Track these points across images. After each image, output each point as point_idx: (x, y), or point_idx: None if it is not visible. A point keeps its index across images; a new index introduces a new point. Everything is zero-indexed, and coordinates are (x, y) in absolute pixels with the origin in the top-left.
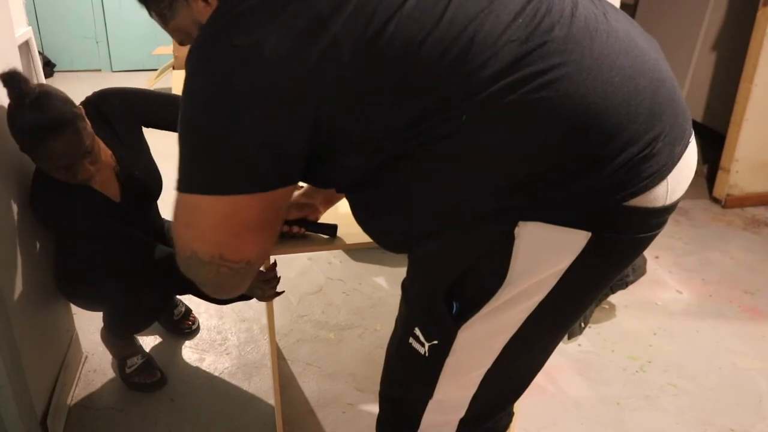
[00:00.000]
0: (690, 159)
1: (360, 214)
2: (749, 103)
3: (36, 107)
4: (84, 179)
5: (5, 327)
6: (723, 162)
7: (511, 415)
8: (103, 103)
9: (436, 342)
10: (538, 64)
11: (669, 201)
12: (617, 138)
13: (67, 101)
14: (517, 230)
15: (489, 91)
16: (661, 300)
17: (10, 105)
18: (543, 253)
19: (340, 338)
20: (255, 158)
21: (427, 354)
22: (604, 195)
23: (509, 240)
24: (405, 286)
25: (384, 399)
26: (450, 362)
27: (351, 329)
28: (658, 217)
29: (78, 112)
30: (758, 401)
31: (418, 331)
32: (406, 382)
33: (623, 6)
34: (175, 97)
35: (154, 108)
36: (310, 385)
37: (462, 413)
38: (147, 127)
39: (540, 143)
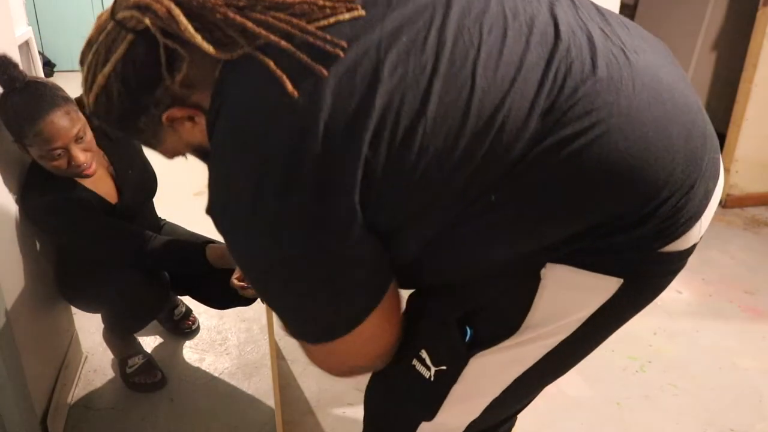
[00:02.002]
0: (720, 188)
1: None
2: (749, 103)
3: (26, 91)
4: (78, 166)
5: (5, 327)
6: (723, 162)
7: (514, 419)
8: None
9: (444, 368)
10: (565, 131)
11: (700, 236)
12: (656, 196)
13: (57, 87)
14: (543, 271)
15: (518, 168)
16: (661, 300)
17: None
18: (569, 297)
19: None
20: (350, 290)
21: (432, 378)
22: (641, 246)
23: (534, 281)
24: (413, 301)
25: (371, 414)
26: (457, 389)
27: None
28: (686, 255)
29: (68, 97)
30: (758, 401)
31: (424, 354)
32: (404, 403)
33: (623, 6)
34: None
35: None
36: (310, 385)
37: None
38: None
39: (571, 211)
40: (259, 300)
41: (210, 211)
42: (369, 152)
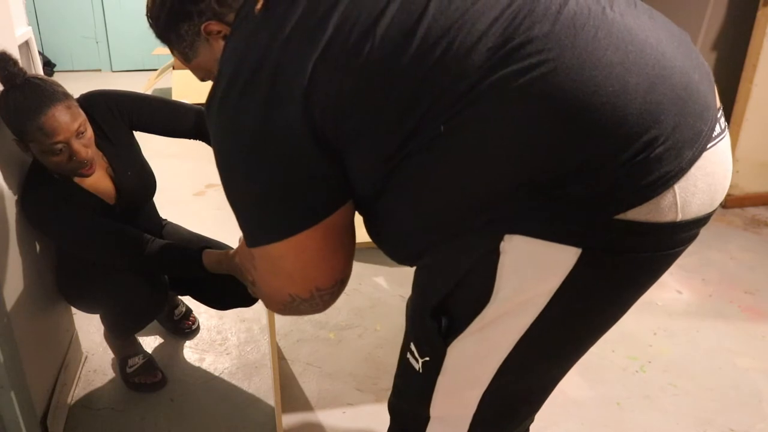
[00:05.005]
0: (712, 166)
1: (369, 229)
2: (749, 103)
3: (27, 87)
4: (80, 161)
5: (5, 327)
6: None
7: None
8: (90, 105)
9: (428, 359)
10: (514, 66)
11: (682, 216)
12: (601, 142)
13: (56, 83)
14: (502, 245)
15: (466, 100)
16: (661, 300)
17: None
18: (529, 269)
19: (340, 338)
20: (289, 198)
21: (420, 370)
22: (592, 207)
23: (494, 255)
24: (408, 301)
25: (390, 411)
26: (442, 380)
27: (351, 329)
28: (668, 234)
29: (68, 93)
30: (758, 401)
31: (413, 347)
32: (405, 396)
33: None
34: (162, 100)
35: (141, 111)
36: (310, 385)
37: (464, 430)
38: (134, 130)
39: (516, 148)
40: (259, 300)
41: (206, 102)
42: (319, 65)
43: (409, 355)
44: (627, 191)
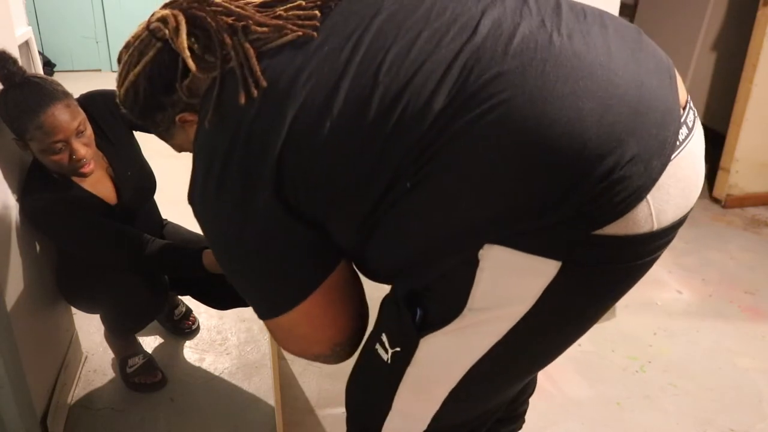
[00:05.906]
0: (682, 170)
1: (358, 268)
2: (749, 103)
3: (26, 85)
4: (79, 161)
5: (5, 327)
6: (723, 162)
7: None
8: (89, 105)
9: (398, 349)
10: (470, 115)
11: (658, 225)
12: (566, 171)
13: (56, 82)
14: (481, 252)
15: (425, 156)
16: (661, 300)
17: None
18: (508, 280)
19: None
20: (283, 273)
21: (389, 361)
22: (569, 227)
23: (474, 263)
24: (383, 298)
25: (348, 407)
26: (411, 372)
27: None
28: (646, 243)
29: (68, 92)
30: (758, 401)
31: (384, 337)
32: (367, 389)
33: (623, 6)
34: None
35: None
36: (310, 385)
37: (423, 427)
38: (134, 130)
39: (484, 192)
40: None
41: (188, 197)
42: (284, 151)
43: (378, 346)
44: (601, 211)
